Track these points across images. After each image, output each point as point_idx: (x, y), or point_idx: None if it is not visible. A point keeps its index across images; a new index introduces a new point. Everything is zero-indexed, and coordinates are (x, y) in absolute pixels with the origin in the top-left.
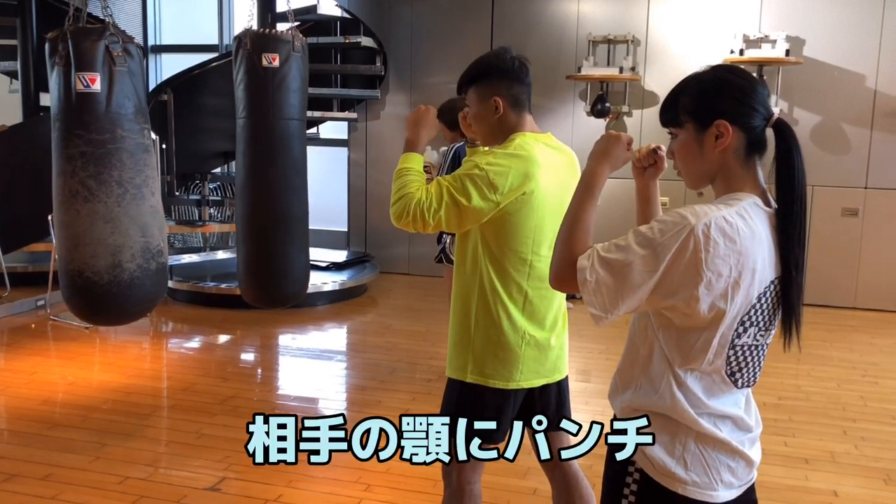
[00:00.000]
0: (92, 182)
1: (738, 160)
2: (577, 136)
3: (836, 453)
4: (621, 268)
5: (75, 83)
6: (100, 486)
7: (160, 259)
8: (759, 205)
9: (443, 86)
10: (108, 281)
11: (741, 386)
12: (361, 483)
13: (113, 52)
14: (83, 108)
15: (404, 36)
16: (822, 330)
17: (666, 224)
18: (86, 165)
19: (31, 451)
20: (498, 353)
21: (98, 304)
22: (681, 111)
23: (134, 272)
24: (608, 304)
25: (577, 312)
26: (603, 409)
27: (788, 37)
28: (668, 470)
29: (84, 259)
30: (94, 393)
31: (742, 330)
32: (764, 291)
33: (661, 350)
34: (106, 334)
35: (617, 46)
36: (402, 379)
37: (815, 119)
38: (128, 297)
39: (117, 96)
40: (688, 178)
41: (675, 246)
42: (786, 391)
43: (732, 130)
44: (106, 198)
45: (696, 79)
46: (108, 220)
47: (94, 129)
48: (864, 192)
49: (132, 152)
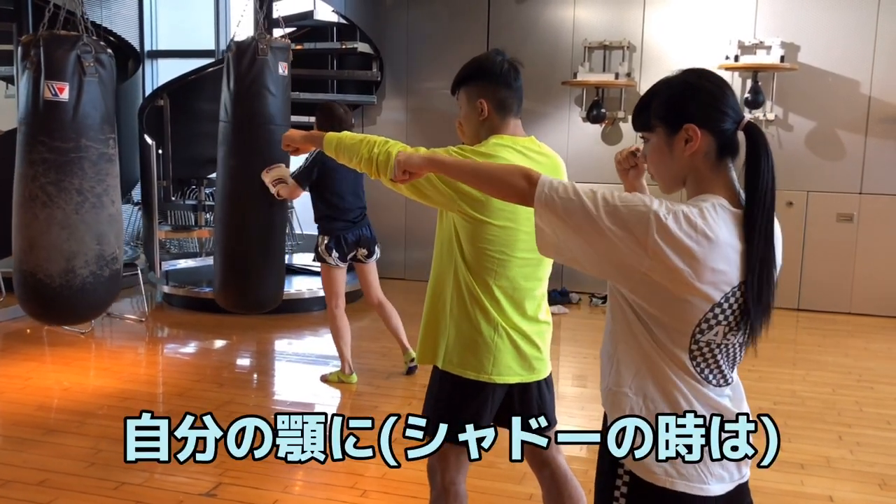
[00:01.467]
0: (52, 188)
1: (708, 163)
2: (573, 141)
3: (832, 458)
4: (578, 202)
5: (43, 90)
6: (95, 492)
7: (114, 266)
8: (724, 206)
9: (439, 91)
10: (59, 284)
11: (714, 384)
12: (357, 489)
13: (84, 62)
14: (49, 116)
15: (400, 41)
16: (817, 335)
17: (628, 199)
18: (47, 172)
19: (26, 457)
20: (469, 343)
21: (48, 304)
22: (652, 116)
23: (87, 278)
24: (556, 228)
25: (572, 318)
26: (599, 415)
27: (783, 43)
28: (654, 464)
29: (38, 262)
30: (89, 398)
31: (706, 327)
32: (732, 292)
33: (634, 329)
34: (101, 339)
35: (612, 52)
36: (398, 384)
37: (810, 125)
38: (79, 300)
39: (85, 106)
40: (660, 181)
41: (631, 219)
42: (781, 396)
43: (701, 134)
44: (65, 205)
45: (666, 83)
46: (64, 227)
47: (58, 138)
48: (858, 198)
49: (95, 162)
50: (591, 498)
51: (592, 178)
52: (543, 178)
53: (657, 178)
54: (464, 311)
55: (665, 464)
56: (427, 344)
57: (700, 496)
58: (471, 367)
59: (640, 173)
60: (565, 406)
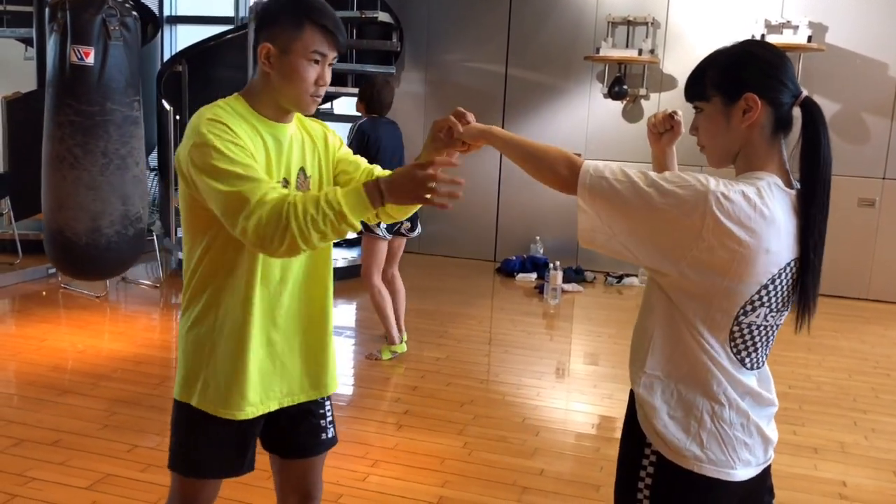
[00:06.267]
0: (78, 150)
1: (763, 137)
2: (594, 118)
3: (846, 444)
4: (629, 183)
5: (70, 55)
6: (108, 454)
7: (138, 225)
8: (779, 185)
9: (459, 63)
10: (86, 243)
11: (749, 367)
12: (368, 459)
13: (109, 25)
14: (75, 80)
15: (421, 12)
16: (833, 320)
17: (681, 178)
18: (74, 134)
19: (41, 417)
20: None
21: (75, 261)
22: (708, 84)
23: (112, 237)
24: (602, 213)
25: (586, 296)
26: (611, 393)
27: (811, 23)
28: (684, 448)
29: (66, 220)
30: (103, 361)
31: (750, 308)
32: (779, 273)
33: (672, 312)
34: (116, 304)
35: (636, 28)
36: (410, 357)
37: (835, 107)
38: (105, 258)
39: (110, 70)
40: (711, 154)
41: (687, 198)
42: (796, 380)
43: (761, 105)
44: (90, 166)
45: (724, 52)
46: (91, 188)
47: (84, 101)
48: (881, 183)
49: (119, 124)
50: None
51: (612, 156)
52: (587, 163)
53: (708, 152)
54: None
55: (695, 449)
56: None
57: (726, 481)
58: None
59: (674, 137)
60: (578, 384)
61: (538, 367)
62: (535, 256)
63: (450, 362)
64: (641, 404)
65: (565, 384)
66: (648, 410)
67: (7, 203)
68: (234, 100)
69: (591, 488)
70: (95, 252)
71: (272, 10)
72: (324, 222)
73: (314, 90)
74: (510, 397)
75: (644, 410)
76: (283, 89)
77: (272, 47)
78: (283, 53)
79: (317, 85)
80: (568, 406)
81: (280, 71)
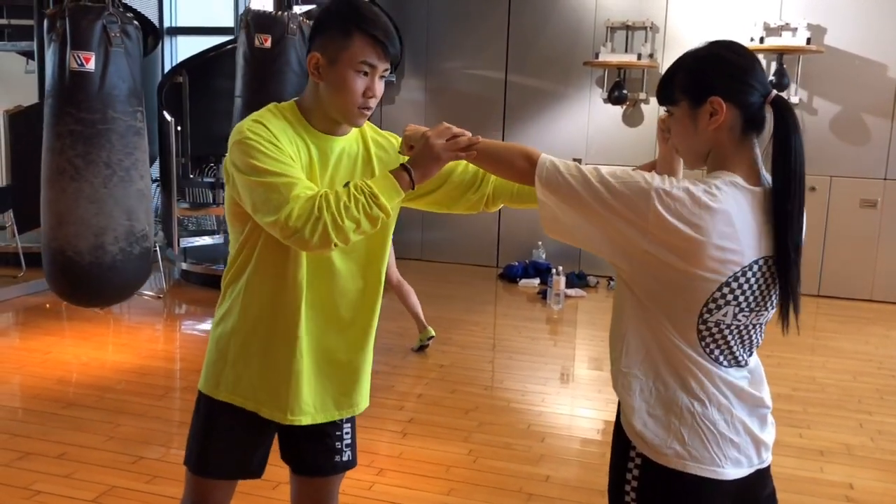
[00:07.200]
0: (79, 161)
1: (732, 139)
2: (594, 123)
3: (852, 446)
4: (581, 179)
5: (69, 61)
6: (114, 466)
7: (144, 243)
8: (738, 183)
9: (458, 70)
10: (89, 262)
11: (725, 364)
12: (374, 467)
13: (110, 32)
14: (76, 87)
15: (421, 19)
16: (837, 321)
17: (629, 175)
18: (74, 144)
19: (46, 430)
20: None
21: (78, 284)
22: (676, 88)
23: (116, 255)
24: (558, 206)
25: (589, 301)
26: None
27: (810, 25)
28: (665, 446)
29: (66, 238)
30: (108, 373)
31: (714, 307)
32: (742, 272)
33: (640, 310)
34: (120, 315)
35: (635, 33)
36: (414, 364)
37: (835, 109)
38: (109, 279)
39: (111, 77)
40: (683, 156)
41: (632, 194)
42: (800, 382)
43: (727, 107)
44: (93, 178)
45: (691, 56)
46: (93, 201)
47: (85, 109)
48: (883, 184)
49: (122, 134)
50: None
51: (613, 160)
52: (544, 157)
53: (680, 154)
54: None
55: (676, 446)
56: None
57: (714, 479)
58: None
59: None
60: (582, 390)
61: (542, 372)
62: (538, 262)
63: (454, 369)
64: (622, 405)
65: (570, 390)
66: (628, 411)
67: (10, 216)
68: (288, 105)
69: (597, 494)
70: (99, 272)
71: (321, 18)
72: (356, 208)
73: (363, 102)
74: (515, 404)
75: (624, 411)
76: (331, 100)
77: (321, 57)
78: (332, 64)
79: (365, 97)
80: (573, 412)
81: (328, 81)
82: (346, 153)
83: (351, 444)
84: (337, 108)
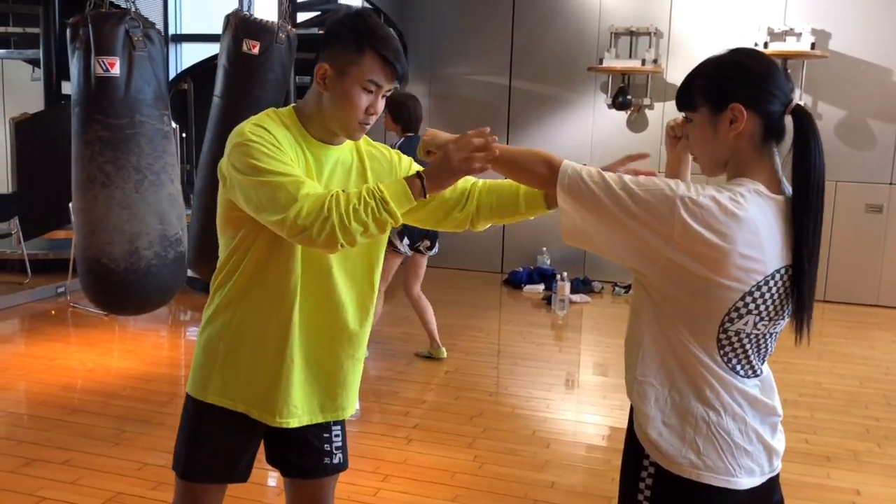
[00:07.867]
0: (109, 167)
1: (752, 146)
2: (598, 128)
3: (859, 452)
4: (603, 186)
5: (94, 67)
6: (119, 472)
7: (178, 248)
8: (761, 191)
9: (462, 77)
10: (124, 268)
11: (742, 374)
12: (378, 473)
13: (133, 36)
14: (102, 93)
15: (424, 26)
16: (843, 327)
17: (653, 183)
18: (104, 150)
19: (52, 436)
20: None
21: (114, 291)
22: (696, 94)
23: (151, 260)
24: (580, 213)
25: (594, 307)
26: (622, 404)
27: (814, 30)
28: (679, 455)
29: (101, 245)
30: (113, 380)
31: (736, 316)
32: (765, 280)
33: (658, 318)
34: (125, 322)
35: (639, 38)
36: (419, 370)
37: (840, 114)
38: (144, 285)
39: (136, 81)
40: (702, 162)
41: (656, 202)
42: (806, 388)
43: (747, 115)
44: (123, 183)
45: (713, 62)
46: (125, 207)
47: (112, 114)
48: (888, 189)
49: (151, 138)
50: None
51: None
52: (566, 164)
53: (699, 161)
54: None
55: (691, 455)
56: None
57: (728, 489)
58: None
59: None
60: (587, 395)
61: (547, 378)
62: (543, 267)
63: (458, 375)
64: (636, 413)
65: (575, 395)
66: (642, 419)
67: (16, 223)
68: (286, 111)
69: (602, 500)
70: (135, 278)
71: (335, 30)
72: (365, 212)
73: (364, 118)
74: (520, 410)
75: (639, 420)
76: (333, 112)
77: (329, 68)
78: (340, 76)
79: (367, 113)
80: (578, 418)
81: (333, 93)
82: (340, 163)
83: (342, 447)
84: (338, 120)
